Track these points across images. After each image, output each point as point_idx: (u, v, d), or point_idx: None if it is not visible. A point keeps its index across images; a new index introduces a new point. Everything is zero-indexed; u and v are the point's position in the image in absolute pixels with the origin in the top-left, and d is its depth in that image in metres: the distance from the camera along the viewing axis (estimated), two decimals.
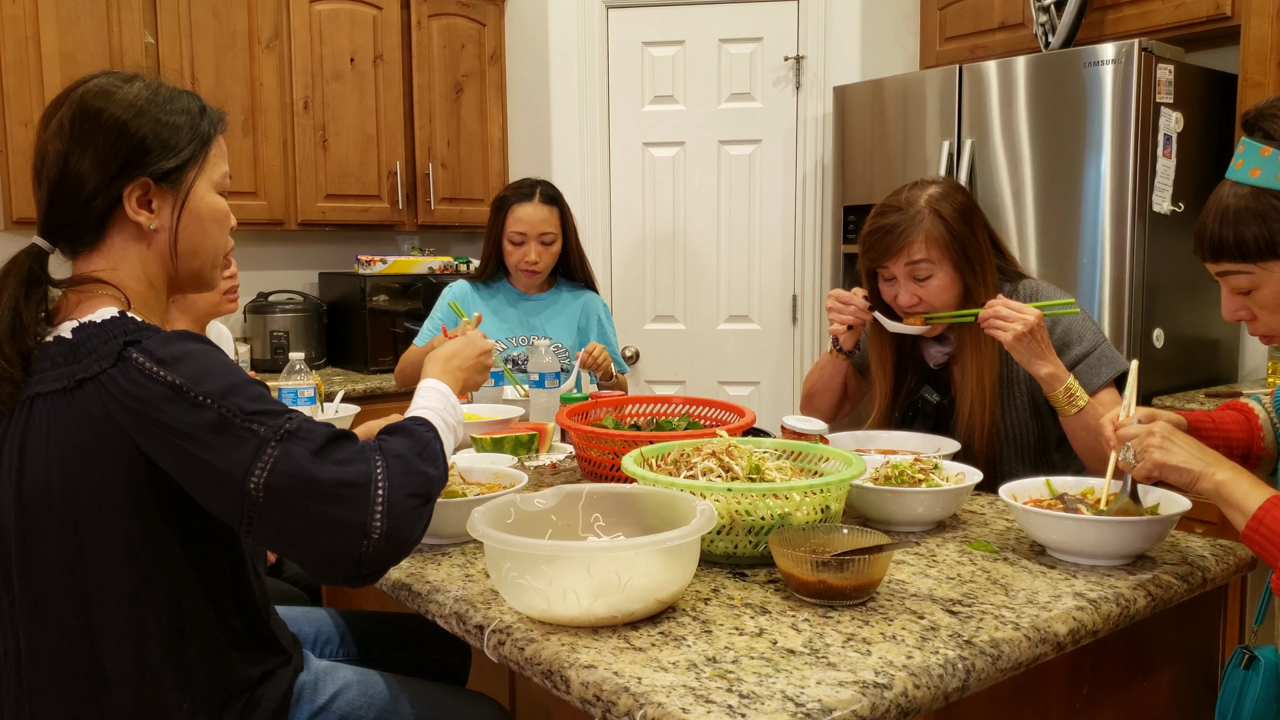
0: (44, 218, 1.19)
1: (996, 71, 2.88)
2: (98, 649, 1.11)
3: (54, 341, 1.13)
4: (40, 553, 1.10)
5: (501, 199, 2.72)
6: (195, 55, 3.27)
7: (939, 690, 1.00)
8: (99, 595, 1.10)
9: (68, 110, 1.17)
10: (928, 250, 1.81)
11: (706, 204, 3.67)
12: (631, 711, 0.94)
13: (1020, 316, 1.67)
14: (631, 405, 2.06)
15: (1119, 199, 2.66)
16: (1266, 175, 1.15)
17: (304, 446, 1.08)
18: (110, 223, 1.18)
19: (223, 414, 1.06)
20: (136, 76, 1.21)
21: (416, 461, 1.14)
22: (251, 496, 1.06)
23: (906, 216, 1.82)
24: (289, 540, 1.09)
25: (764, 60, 3.57)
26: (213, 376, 1.08)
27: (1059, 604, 1.18)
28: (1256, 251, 1.17)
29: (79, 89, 1.19)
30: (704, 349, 3.73)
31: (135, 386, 1.06)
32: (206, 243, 1.24)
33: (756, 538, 1.30)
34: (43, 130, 1.19)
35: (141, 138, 1.17)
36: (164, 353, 1.08)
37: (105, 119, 1.16)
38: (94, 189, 1.16)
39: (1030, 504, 1.41)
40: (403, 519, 1.10)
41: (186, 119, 1.21)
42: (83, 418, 1.08)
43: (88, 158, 1.15)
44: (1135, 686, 1.31)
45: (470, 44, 3.88)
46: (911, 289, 1.85)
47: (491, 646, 1.13)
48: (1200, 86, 2.79)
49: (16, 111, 2.97)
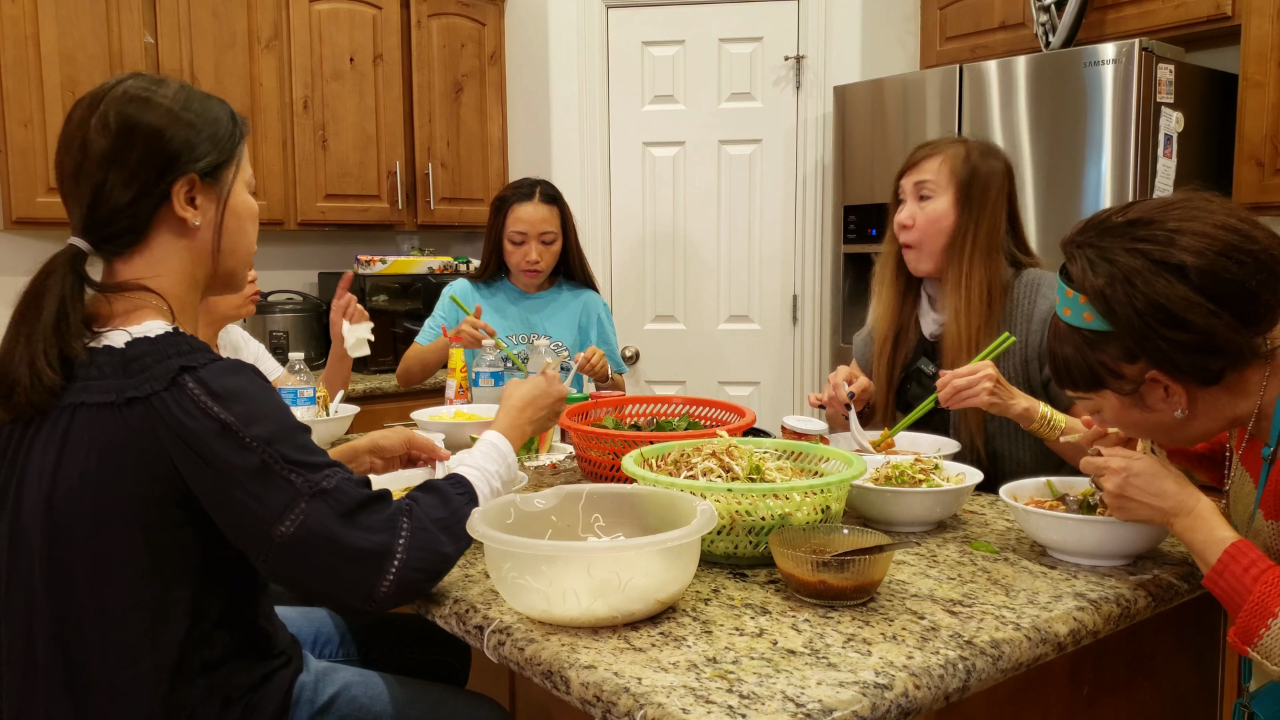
0: (85, 219, 1.19)
1: (997, 71, 2.88)
2: (115, 659, 1.11)
3: (103, 351, 1.13)
4: (66, 562, 1.11)
5: (501, 199, 2.72)
6: (195, 55, 3.27)
7: (939, 690, 0.99)
8: (121, 607, 1.11)
9: (110, 111, 1.17)
10: (938, 172, 1.89)
11: (706, 204, 3.67)
12: (631, 712, 0.94)
13: (976, 377, 1.67)
14: (631, 405, 2.06)
15: (1119, 199, 2.66)
16: (1075, 315, 1.23)
17: (335, 508, 1.12)
18: (155, 222, 1.19)
19: (265, 460, 1.09)
20: (164, 79, 1.22)
21: (438, 538, 1.18)
22: (275, 543, 1.10)
23: (939, 143, 1.93)
24: (299, 583, 1.15)
25: (764, 60, 3.56)
26: (262, 420, 1.11)
27: (1059, 604, 1.18)
28: (1085, 383, 1.26)
29: (115, 89, 1.19)
30: (704, 349, 3.73)
31: (186, 416, 1.08)
32: (243, 240, 1.28)
33: (757, 538, 1.30)
34: (77, 131, 1.18)
35: (186, 136, 1.19)
36: (218, 385, 1.10)
37: (150, 119, 1.17)
38: (143, 187, 1.17)
39: (1031, 504, 1.41)
40: (410, 589, 1.16)
41: (223, 120, 1.24)
42: (126, 435, 1.09)
43: (135, 157, 1.16)
44: (1136, 687, 1.31)
45: (470, 44, 3.88)
46: (911, 209, 1.91)
47: (491, 647, 1.13)
48: (1200, 86, 2.79)
49: (16, 111, 2.96)
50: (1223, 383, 1.20)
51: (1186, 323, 1.14)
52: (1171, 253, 1.14)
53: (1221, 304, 1.13)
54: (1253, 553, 1.14)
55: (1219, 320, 1.13)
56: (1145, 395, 1.22)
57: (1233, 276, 1.13)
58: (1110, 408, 1.27)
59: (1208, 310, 1.13)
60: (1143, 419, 1.26)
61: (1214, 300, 1.13)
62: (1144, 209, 1.20)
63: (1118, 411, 1.27)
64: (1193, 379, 1.19)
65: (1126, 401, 1.24)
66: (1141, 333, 1.16)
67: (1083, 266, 1.20)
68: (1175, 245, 1.15)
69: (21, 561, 1.14)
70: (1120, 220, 1.20)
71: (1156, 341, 1.16)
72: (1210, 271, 1.13)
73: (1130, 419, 1.27)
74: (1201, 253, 1.13)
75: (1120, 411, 1.27)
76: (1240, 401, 1.22)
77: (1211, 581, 1.16)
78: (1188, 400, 1.21)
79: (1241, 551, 1.14)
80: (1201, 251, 1.13)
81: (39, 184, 2.99)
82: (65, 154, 1.19)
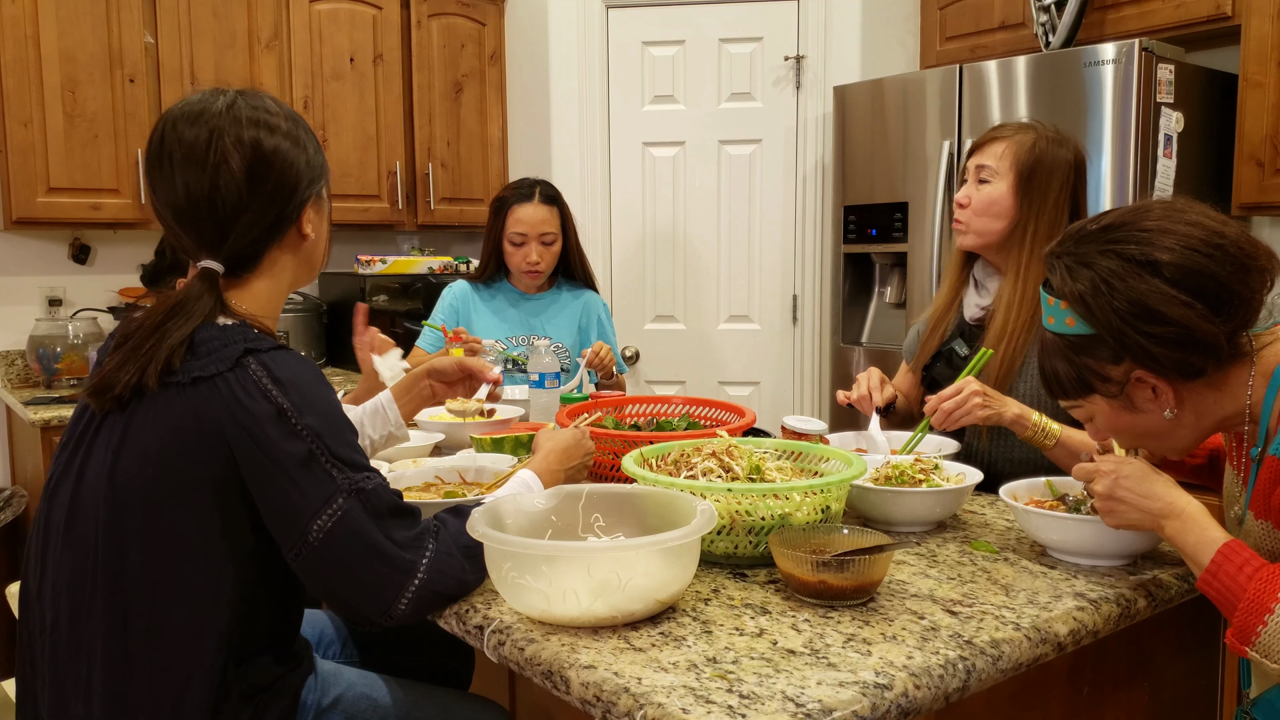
0: (217, 242, 1.22)
1: (997, 71, 2.88)
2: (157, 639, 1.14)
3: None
4: (120, 537, 1.14)
5: (500, 200, 2.72)
6: (195, 55, 3.27)
7: (939, 690, 1.00)
8: (167, 587, 1.14)
9: (236, 136, 1.20)
10: (1000, 158, 1.87)
11: (706, 204, 3.67)
12: (631, 712, 0.94)
13: (963, 396, 1.66)
14: (631, 405, 2.06)
15: (1119, 199, 2.66)
16: (1058, 322, 1.25)
17: (371, 510, 1.15)
18: (278, 242, 1.26)
19: (313, 450, 1.13)
20: (259, 93, 1.27)
21: (461, 564, 1.20)
22: (310, 537, 1.13)
23: (1010, 128, 1.91)
24: (323, 581, 1.15)
25: (764, 60, 3.56)
26: (315, 409, 1.15)
27: (1059, 604, 1.18)
28: (1074, 389, 1.28)
29: (228, 112, 1.21)
30: (704, 349, 3.73)
31: (246, 397, 1.13)
32: (326, 244, 1.37)
33: (756, 538, 1.30)
34: (196, 155, 1.20)
35: (305, 158, 1.26)
36: (280, 371, 1.15)
37: (277, 144, 1.22)
38: (280, 214, 1.24)
39: (1031, 504, 1.41)
40: (424, 609, 1.18)
41: (311, 131, 1.31)
42: (189, 413, 1.13)
43: (270, 186, 1.22)
44: (1136, 687, 1.31)
45: (470, 44, 3.88)
46: (969, 189, 1.91)
47: (491, 647, 1.13)
48: (1200, 86, 2.79)
49: (16, 111, 2.96)
50: (1208, 381, 1.21)
51: (1163, 316, 1.16)
52: (1146, 251, 1.17)
53: (1195, 295, 1.16)
54: (1245, 552, 1.14)
55: (1193, 311, 1.15)
56: (1133, 396, 1.24)
57: (1204, 269, 1.16)
58: (1101, 413, 1.28)
59: (1182, 302, 1.15)
60: (1134, 422, 1.27)
61: (1188, 292, 1.16)
62: (1117, 215, 1.24)
63: (1108, 416, 1.28)
64: (1176, 374, 1.20)
65: (1116, 405, 1.25)
66: (1121, 331, 1.18)
67: (1062, 275, 1.23)
68: (1149, 245, 1.18)
69: (78, 534, 1.17)
70: (1094, 228, 1.24)
71: (1136, 338, 1.18)
72: (1183, 266, 1.16)
73: (1121, 423, 1.28)
74: (1173, 249, 1.17)
75: (1111, 416, 1.28)
76: (1227, 401, 1.23)
77: (1206, 583, 1.16)
78: (1175, 399, 1.22)
79: (1235, 551, 1.14)
80: (1172, 248, 1.17)
81: (39, 184, 3.00)
82: (182, 175, 1.20)
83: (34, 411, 2.83)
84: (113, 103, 3.11)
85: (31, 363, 3.27)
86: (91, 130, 3.08)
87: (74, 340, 3.24)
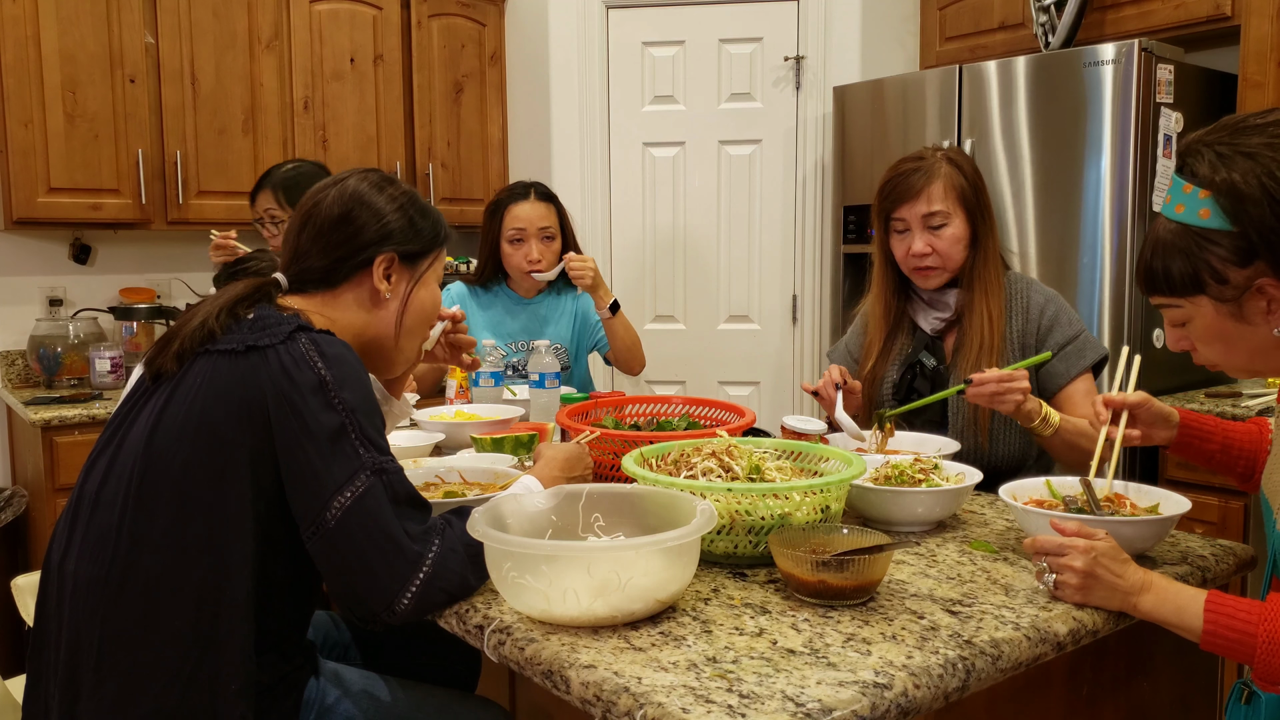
0: (293, 260, 1.38)
1: (996, 71, 2.88)
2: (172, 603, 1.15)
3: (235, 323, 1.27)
4: (151, 498, 1.17)
5: (496, 202, 2.71)
6: (195, 55, 3.27)
7: (939, 690, 1.00)
8: (192, 550, 1.16)
9: (338, 193, 1.39)
10: (945, 199, 1.88)
11: (706, 204, 3.67)
12: (631, 711, 0.94)
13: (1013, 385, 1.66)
14: (631, 405, 2.06)
15: (1119, 199, 2.66)
16: (1189, 212, 1.16)
17: (390, 493, 1.18)
18: (349, 280, 1.38)
19: (345, 423, 1.18)
20: (395, 179, 1.45)
21: (464, 565, 1.21)
22: (329, 514, 1.15)
23: (925, 165, 1.90)
24: (335, 564, 1.17)
25: (764, 60, 3.57)
26: (352, 386, 1.21)
27: (1059, 604, 1.18)
28: (1183, 286, 1.19)
29: (357, 174, 1.42)
30: (704, 349, 3.73)
31: (293, 366, 1.19)
32: (421, 328, 1.47)
33: (756, 538, 1.30)
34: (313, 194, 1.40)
35: (400, 221, 1.39)
36: (328, 349, 1.22)
37: (376, 202, 1.39)
38: (349, 251, 1.36)
39: (1031, 504, 1.41)
40: (428, 607, 1.19)
41: (432, 221, 1.44)
42: (236, 379, 1.19)
43: (353, 226, 1.37)
44: (1135, 686, 1.31)
45: (470, 44, 3.88)
46: (926, 239, 1.89)
47: (491, 646, 1.13)
48: (1200, 86, 2.79)
49: (16, 111, 2.96)
50: None
51: None
52: None
53: None
54: (1228, 597, 1.12)
55: None
56: (1245, 305, 1.15)
57: None
58: (1203, 316, 1.19)
59: None
60: (1235, 332, 1.18)
61: None
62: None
63: (1210, 321, 1.19)
64: None
65: (1223, 311, 1.17)
66: (1273, 229, 1.09)
67: (1212, 162, 1.14)
68: None
69: (108, 499, 1.19)
70: (1259, 121, 1.14)
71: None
72: None
73: (1222, 331, 1.19)
74: None
75: (1213, 322, 1.19)
76: None
77: (1209, 643, 1.12)
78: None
79: (1220, 602, 1.12)
80: None
81: (39, 184, 3.00)
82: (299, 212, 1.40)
83: (34, 411, 2.83)
84: (113, 103, 3.11)
85: (32, 363, 3.27)
86: (92, 130, 3.08)
87: (74, 340, 3.24)
